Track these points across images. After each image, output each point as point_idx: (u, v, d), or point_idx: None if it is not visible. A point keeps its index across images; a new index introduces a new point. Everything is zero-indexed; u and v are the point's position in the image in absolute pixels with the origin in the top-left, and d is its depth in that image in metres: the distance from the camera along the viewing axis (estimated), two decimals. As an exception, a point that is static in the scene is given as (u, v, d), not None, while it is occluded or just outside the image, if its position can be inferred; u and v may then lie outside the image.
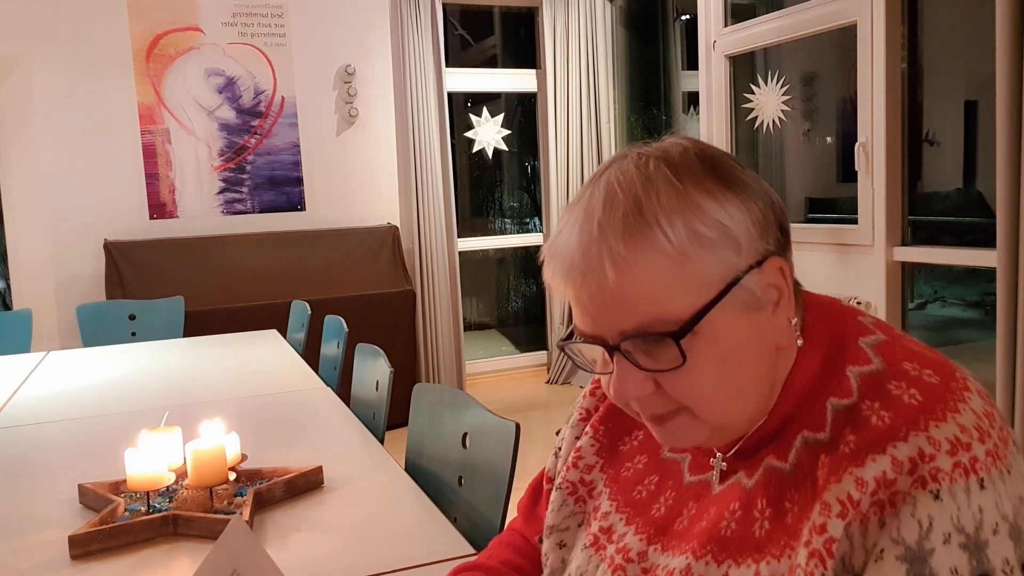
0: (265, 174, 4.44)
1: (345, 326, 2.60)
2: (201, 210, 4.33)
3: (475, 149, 5.06)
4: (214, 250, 4.21)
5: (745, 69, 3.66)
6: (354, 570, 1.14)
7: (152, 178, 4.23)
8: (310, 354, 2.85)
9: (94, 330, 3.48)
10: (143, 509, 1.30)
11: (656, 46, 5.01)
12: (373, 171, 4.68)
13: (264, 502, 1.36)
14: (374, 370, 2.09)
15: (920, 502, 0.58)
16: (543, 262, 0.70)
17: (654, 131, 4.95)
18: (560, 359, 5.05)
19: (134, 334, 3.56)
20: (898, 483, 0.59)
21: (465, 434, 1.50)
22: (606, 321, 0.66)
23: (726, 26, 3.68)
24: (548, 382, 5.15)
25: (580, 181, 4.86)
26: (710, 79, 3.75)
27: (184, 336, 3.54)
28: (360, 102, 4.60)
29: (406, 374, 4.22)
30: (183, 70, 4.25)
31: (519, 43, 5.33)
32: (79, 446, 1.81)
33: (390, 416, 1.95)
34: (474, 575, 0.93)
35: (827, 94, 3.47)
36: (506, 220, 5.75)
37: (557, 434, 0.93)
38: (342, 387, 2.38)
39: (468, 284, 5.17)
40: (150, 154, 4.22)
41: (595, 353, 0.70)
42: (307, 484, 1.43)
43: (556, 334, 5.20)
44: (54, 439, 1.87)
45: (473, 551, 1.17)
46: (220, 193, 4.36)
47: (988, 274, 2.39)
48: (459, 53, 5.45)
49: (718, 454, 0.75)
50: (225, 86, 4.33)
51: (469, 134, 5.03)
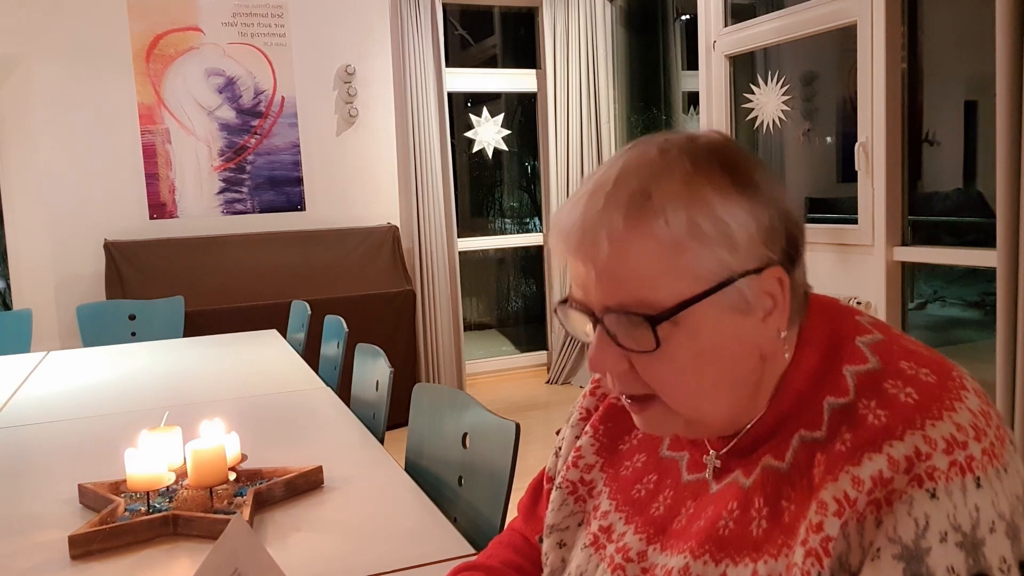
0: (265, 174, 4.44)
1: (345, 326, 2.60)
2: (201, 210, 4.33)
3: (475, 149, 5.06)
4: (214, 250, 4.21)
5: (745, 69, 3.66)
6: (354, 570, 1.14)
7: (152, 178, 4.23)
8: (310, 354, 2.85)
9: (94, 330, 3.48)
10: (143, 509, 1.30)
11: (656, 46, 5.01)
12: (373, 171, 4.68)
13: (264, 502, 1.36)
14: (374, 370, 2.09)
15: (916, 501, 0.58)
16: (550, 226, 0.73)
17: (654, 131, 4.92)
18: (560, 359, 5.05)
19: (134, 334, 3.56)
20: (894, 482, 0.59)
21: (465, 434, 1.50)
22: (594, 292, 0.67)
23: (726, 26, 3.67)
24: (548, 382, 5.15)
25: (580, 181, 4.85)
26: (710, 79, 3.75)
27: (184, 336, 3.54)
28: (360, 102, 4.60)
29: (406, 374, 4.22)
30: (183, 70, 4.25)
31: (519, 43, 5.33)
32: (79, 446, 1.81)
33: (390, 416, 1.95)
34: (474, 575, 0.93)
35: (827, 94, 3.47)
36: (506, 220, 5.75)
37: (557, 434, 0.93)
38: (342, 387, 2.38)
39: (468, 284, 5.17)
40: (150, 154, 4.22)
41: (581, 322, 0.71)
42: (307, 484, 1.44)
43: (556, 334, 5.20)
44: (54, 439, 1.87)
45: (473, 551, 1.17)
46: (220, 193, 4.36)
47: (988, 274, 2.39)
48: (459, 53, 5.44)
49: (711, 452, 0.75)
50: (225, 86, 4.33)
51: (469, 134, 5.03)
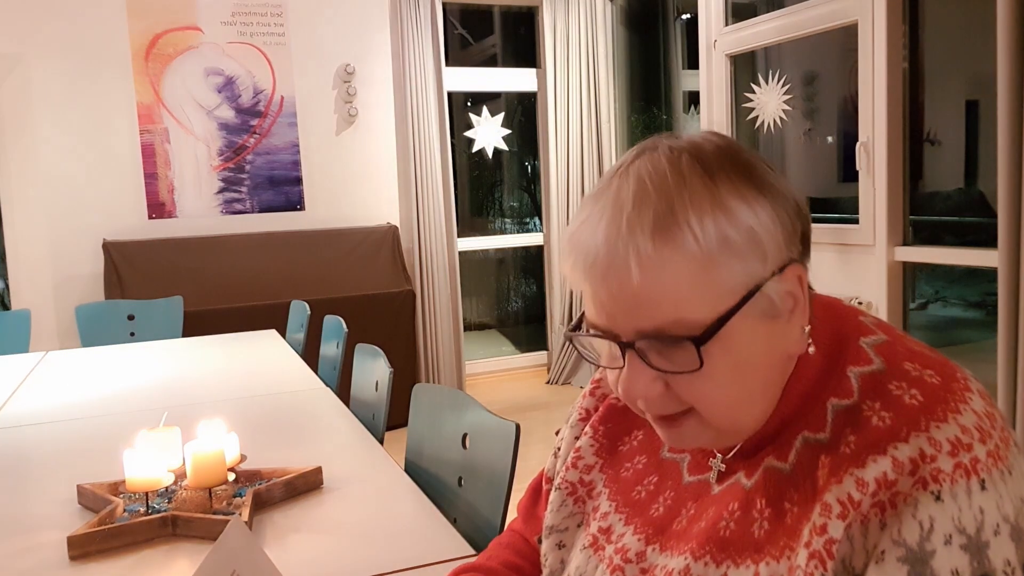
0: (264, 174, 4.43)
1: (345, 326, 2.60)
2: (200, 210, 4.32)
3: (475, 149, 5.05)
4: (213, 250, 4.20)
5: (746, 68, 3.66)
6: (353, 571, 1.14)
7: (151, 178, 4.23)
8: (310, 354, 2.85)
9: (93, 330, 3.48)
10: (142, 510, 1.30)
11: (656, 45, 5.00)
12: (373, 171, 4.67)
13: (263, 503, 1.36)
14: (374, 370, 2.09)
15: (921, 503, 0.58)
16: (563, 252, 0.69)
17: (654, 131, 4.93)
18: (560, 359, 5.05)
19: (133, 334, 3.55)
20: (899, 484, 0.59)
21: (465, 435, 1.49)
22: (624, 319, 0.64)
23: (727, 25, 3.67)
24: (548, 382, 5.15)
25: (580, 181, 4.85)
26: (711, 78, 3.74)
27: (183, 336, 3.53)
28: (360, 102, 4.60)
29: (406, 374, 4.22)
30: (182, 69, 4.25)
31: (519, 42, 5.33)
32: (78, 447, 1.80)
33: (390, 416, 1.95)
34: (474, 576, 0.93)
35: (828, 94, 3.47)
36: (506, 220, 5.75)
37: (557, 434, 0.93)
38: (342, 387, 2.37)
39: (468, 284, 5.16)
40: (149, 154, 4.21)
41: (603, 347, 0.69)
42: (306, 485, 1.43)
43: (556, 334, 5.19)
44: (53, 439, 1.87)
45: (473, 552, 1.17)
46: (219, 193, 4.36)
47: (989, 274, 2.39)
48: (459, 52, 5.44)
49: (717, 455, 0.74)
50: (224, 85, 4.33)
51: (469, 134, 5.03)
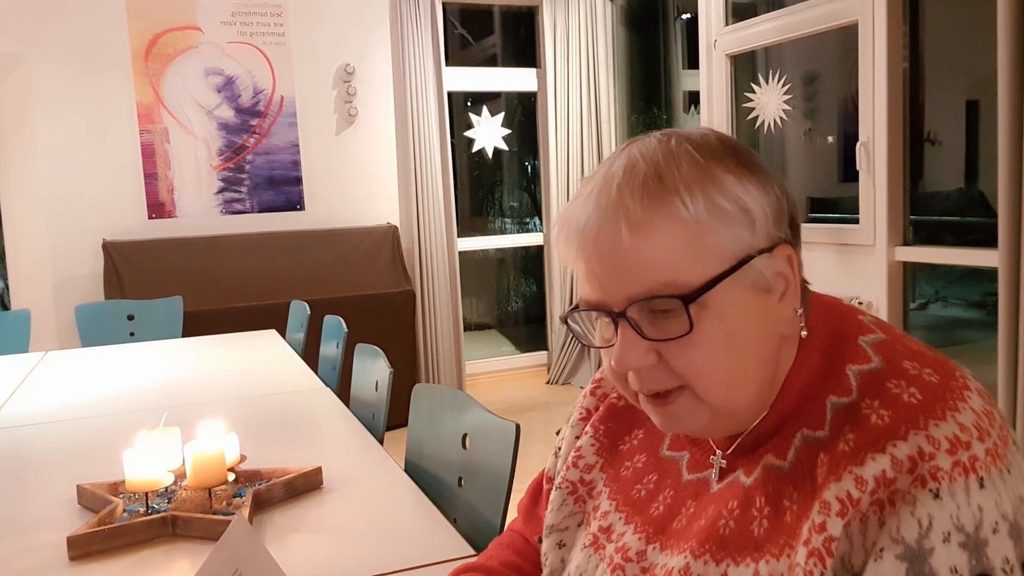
0: (264, 174, 4.43)
1: (344, 326, 2.60)
2: (200, 210, 4.32)
3: (475, 148, 5.05)
4: (213, 250, 4.20)
5: (746, 68, 3.66)
6: (354, 571, 1.14)
7: (151, 178, 4.23)
8: (309, 354, 2.85)
9: (93, 330, 3.48)
10: (142, 510, 1.30)
11: (657, 45, 5.00)
12: (373, 171, 4.67)
13: (263, 503, 1.36)
14: (374, 370, 2.09)
15: (920, 501, 0.58)
16: (556, 229, 0.70)
17: (655, 130, 4.93)
18: (560, 359, 5.05)
19: (133, 334, 3.55)
20: (898, 482, 0.59)
21: (465, 435, 1.49)
22: (615, 286, 0.66)
23: (727, 25, 3.67)
24: (548, 382, 5.15)
25: (580, 181, 4.84)
26: (711, 78, 3.74)
27: (183, 336, 3.54)
28: (360, 101, 4.59)
29: (406, 374, 4.22)
30: (182, 69, 4.25)
31: (519, 42, 5.33)
32: (77, 447, 1.80)
33: (390, 417, 1.95)
34: (474, 576, 0.93)
35: (828, 94, 3.47)
36: (506, 220, 5.75)
37: (557, 434, 0.93)
38: (342, 387, 2.37)
39: (468, 284, 5.16)
40: (149, 154, 4.21)
41: (597, 327, 0.69)
42: (306, 485, 1.43)
43: (556, 334, 5.19)
44: (52, 439, 1.86)
45: (473, 552, 1.17)
46: (219, 193, 4.36)
47: (990, 274, 2.38)
48: (459, 52, 5.44)
49: (717, 452, 0.74)
50: (224, 85, 4.33)
51: (469, 133, 5.03)
